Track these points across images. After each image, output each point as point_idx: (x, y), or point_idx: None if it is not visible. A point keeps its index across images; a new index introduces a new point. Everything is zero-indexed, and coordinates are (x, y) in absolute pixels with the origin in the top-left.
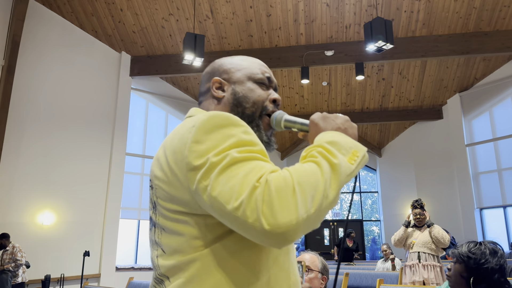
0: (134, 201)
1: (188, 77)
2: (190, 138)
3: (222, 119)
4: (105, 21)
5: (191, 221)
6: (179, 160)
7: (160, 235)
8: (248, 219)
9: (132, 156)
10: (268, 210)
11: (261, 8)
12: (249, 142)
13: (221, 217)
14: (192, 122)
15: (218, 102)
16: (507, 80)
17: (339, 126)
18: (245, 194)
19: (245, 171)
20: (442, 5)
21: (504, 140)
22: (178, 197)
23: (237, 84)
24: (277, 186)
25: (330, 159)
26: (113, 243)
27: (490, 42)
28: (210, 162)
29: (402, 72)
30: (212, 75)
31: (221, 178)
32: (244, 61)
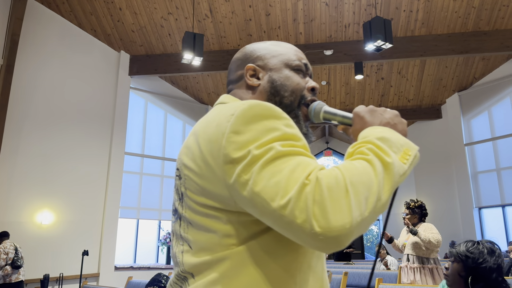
0: (133, 201)
1: (187, 76)
2: (229, 127)
3: (264, 109)
4: (104, 20)
5: (224, 218)
6: (215, 150)
7: (187, 229)
8: (296, 219)
9: (131, 156)
10: (320, 211)
11: (260, 7)
12: (292, 136)
13: (262, 215)
14: (230, 109)
15: (253, 91)
16: (506, 79)
17: (388, 121)
18: (293, 192)
19: (291, 166)
20: (441, 5)
21: (503, 139)
22: (211, 191)
23: (274, 71)
24: (329, 185)
25: (383, 157)
26: (112, 242)
27: (489, 41)
28: (252, 155)
29: (401, 72)
30: (244, 61)
31: (264, 172)
32: (279, 46)
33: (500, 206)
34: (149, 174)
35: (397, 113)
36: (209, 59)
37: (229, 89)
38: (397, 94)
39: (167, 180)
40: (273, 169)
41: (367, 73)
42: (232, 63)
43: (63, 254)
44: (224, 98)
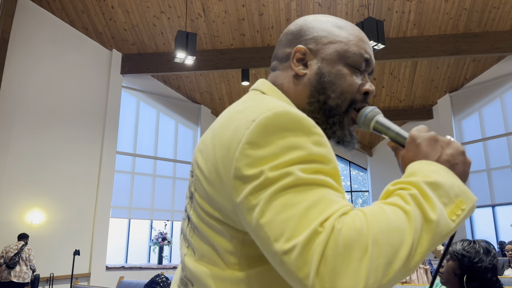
0: (125, 200)
1: (180, 75)
2: (246, 136)
3: (291, 121)
4: (95, 19)
5: (226, 233)
6: (228, 159)
7: (192, 233)
8: (297, 272)
9: (123, 155)
10: (327, 270)
11: (253, 7)
12: (320, 157)
13: (263, 250)
14: (253, 113)
15: (296, 79)
16: (497, 80)
17: (448, 158)
18: (301, 238)
19: (308, 202)
20: (433, 6)
21: (493, 140)
22: (217, 201)
23: (326, 62)
24: (346, 240)
25: (427, 211)
26: (103, 242)
27: (479, 43)
28: (264, 177)
29: (393, 72)
30: (296, 39)
31: (275, 202)
32: (342, 30)
33: (490, 206)
34: (141, 174)
35: (463, 150)
36: (202, 58)
37: (272, 66)
38: (389, 95)
39: (159, 179)
40: (287, 201)
41: None
42: (284, 35)
43: (53, 254)
44: (260, 84)
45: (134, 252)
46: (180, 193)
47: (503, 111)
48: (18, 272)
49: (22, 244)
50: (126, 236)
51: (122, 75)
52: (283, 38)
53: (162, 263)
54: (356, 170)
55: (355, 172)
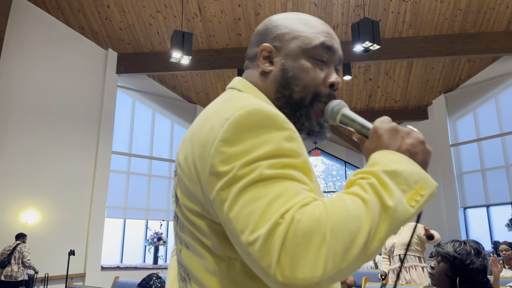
0: (120, 200)
1: (176, 75)
2: (221, 134)
3: (263, 118)
4: (91, 18)
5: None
6: (204, 156)
7: (182, 230)
8: (260, 262)
9: (118, 155)
10: (287, 260)
11: (250, 7)
12: (289, 152)
13: (232, 242)
14: (228, 111)
15: (264, 76)
16: (491, 81)
17: (408, 148)
18: (263, 229)
19: (272, 196)
20: (428, 7)
21: (488, 140)
22: (197, 196)
23: (289, 58)
24: (305, 230)
25: (384, 199)
26: (99, 242)
27: (475, 43)
28: (234, 173)
29: (389, 73)
30: (262, 38)
31: (242, 197)
32: (305, 25)
33: (484, 206)
34: (136, 174)
35: (422, 140)
36: (198, 58)
37: (245, 66)
38: (384, 95)
39: (155, 179)
40: (252, 195)
41: (355, 74)
42: (253, 35)
43: (48, 254)
44: (237, 83)
45: (130, 252)
46: None
47: (497, 111)
48: (9, 272)
49: (17, 244)
50: (121, 236)
51: (117, 74)
52: (253, 39)
53: (157, 263)
54: (352, 171)
55: (351, 172)
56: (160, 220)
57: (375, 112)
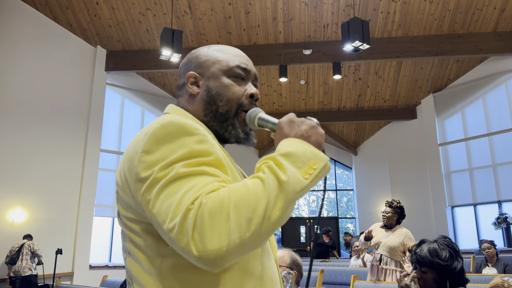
0: (109, 199)
1: (166, 73)
2: (141, 146)
3: (175, 128)
4: (80, 15)
5: (142, 231)
6: (131, 168)
7: (125, 239)
8: (180, 243)
9: (107, 153)
10: (198, 236)
11: (240, 5)
12: (201, 152)
13: (160, 234)
14: (146, 128)
15: (192, 99)
16: (479, 81)
17: (302, 133)
18: (179, 217)
19: (185, 189)
20: (417, 7)
21: (475, 140)
22: (130, 204)
23: (211, 80)
24: (211, 210)
25: (279, 175)
26: (87, 241)
27: (463, 44)
28: (153, 176)
29: (378, 72)
30: (187, 68)
31: (162, 194)
32: (221, 52)
33: (472, 205)
34: None
35: (314, 124)
36: None
37: (176, 95)
38: (373, 95)
39: None
40: (170, 191)
41: (345, 73)
42: (180, 68)
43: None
44: (169, 108)
45: (118, 251)
46: None
47: (485, 111)
48: (17, 267)
49: (24, 242)
50: (110, 235)
51: (106, 72)
52: (180, 72)
53: None
54: (341, 169)
55: (340, 171)
56: None
57: (364, 111)
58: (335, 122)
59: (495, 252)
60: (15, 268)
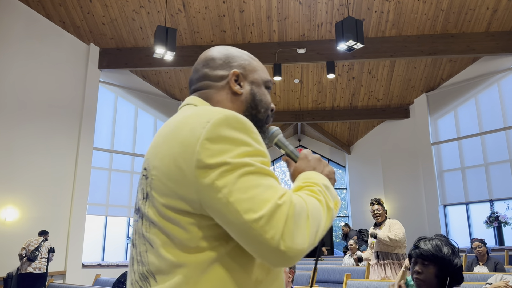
0: (102, 197)
1: (159, 71)
2: (204, 133)
3: (239, 122)
4: (73, 12)
5: (185, 221)
6: (188, 154)
7: (149, 229)
8: (266, 234)
9: (100, 151)
10: (288, 232)
11: (234, 3)
12: (261, 153)
13: (228, 223)
14: (206, 116)
15: (234, 97)
16: (472, 81)
17: (328, 174)
18: (267, 209)
19: (265, 185)
20: (411, 7)
21: (468, 139)
22: (178, 192)
23: (255, 85)
24: (298, 211)
25: (328, 202)
26: (80, 239)
27: (456, 43)
28: (228, 164)
29: (372, 72)
30: (226, 64)
31: (240, 184)
32: (255, 61)
33: (464, 204)
34: (118, 170)
35: (334, 171)
36: (182, 54)
37: (198, 88)
38: (367, 94)
39: (137, 176)
40: (248, 183)
41: (338, 72)
42: (209, 60)
43: None
44: (194, 100)
45: (111, 250)
46: None
47: (477, 111)
48: (37, 264)
49: (42, 240)
50: (103, 233)
51: (100, 69)
52: (210, 63)
53: None
54: (335, 168)
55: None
56: None
57: (358, 110)
58: (328, 121)
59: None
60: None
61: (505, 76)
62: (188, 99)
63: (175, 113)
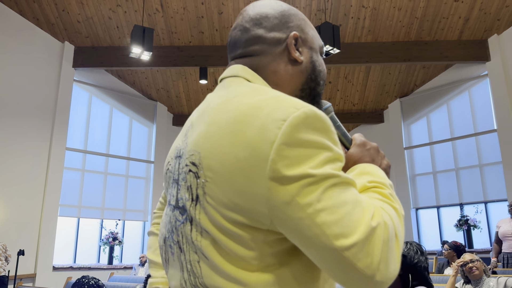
0: (74, 198)
1: (136, 71)
2: (280, 136)
3: (320, 121)
4: (47, 9)
5: (247, 236)
6: (260, 160)
7: (201, 238)
8: (359, 263)
9: (73, 151)
10: (384, 260)
11: (213, 5)
12: (340, 157)
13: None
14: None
15: (292, 66)
16: (444, 87)
17: (385, 167)
18: (360, 234)
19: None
20: (387, 14)
21: (439, 144)
22: (242, 205)
23: (314, 52)
24: (391, 235)
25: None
26: (51, 241)
27: (429, 51)
28: (311, 176)
29: (348, 77)
30: (284, 24)
31: (326, 202)
32: (307, 21)
33: (435, 207)
34: (91, 171)
35: (390, 165)
36: (159, 54)
37: (248, 53)
38: (343, 98)
39: (111, 177)
40: (335, 199)
41: None
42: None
43: None
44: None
45: (83, 252)
46: (132, 191)
47: (449, 117)
48: None
49: None
50: (75, 235)
51: (74, 68)
52: (264, 22)
53: (112, 263)
54: None
55: None
56: (115, 219)
57: None
58: None
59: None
60: None
61: (475, 83)
62: (235, 68)
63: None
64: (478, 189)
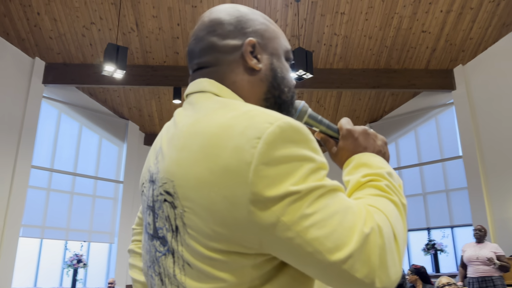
0: (38, 219)
1: (107, 89)
2: (257, 156)
3: (297, 132)
4: (19, 24)
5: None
6: (238, 184)
7: (183, 271)
8: (356, 273)
9: (39, 169)
10: (382, 265)
11: (189, 26)
12: (323, 164)
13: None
14: (252, 128)
15: (250, 75)
16: (412, 114)
17: (380, 149)
18: (354, 244)
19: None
20: (358, 42)
21: (407, 169)
22: (226, 234)
23: (275, 57)
24: (388, 237)
25: (401, 198)
26: (10, 262)
27: (398, 78)
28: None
29: (320, 101)
30: (239, 30)
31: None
32: (273, 25)
33: None
34: (57, 191)
35: (386, 141)
36: (133, 73)
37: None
38: None
39: (78, 197)
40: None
41: None
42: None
43: None
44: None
45: (45, 274)
46: (99, 212)
47: (416, 142)
48: None
49: None
50: (37, 257)
51: (44, 84)
52: (218, 29)
53: (75, 286)
54: None
55: None
56: (81, 241)
57: None
58: None
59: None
60: None
61: (442, 111)
62: (200, 83)
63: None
64: (445, 213)
